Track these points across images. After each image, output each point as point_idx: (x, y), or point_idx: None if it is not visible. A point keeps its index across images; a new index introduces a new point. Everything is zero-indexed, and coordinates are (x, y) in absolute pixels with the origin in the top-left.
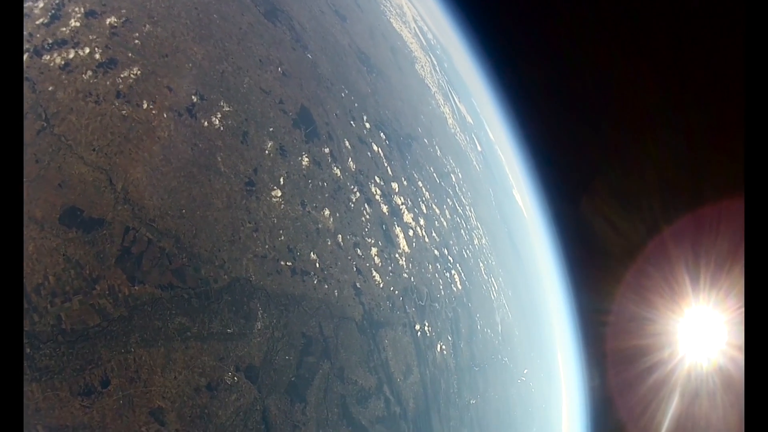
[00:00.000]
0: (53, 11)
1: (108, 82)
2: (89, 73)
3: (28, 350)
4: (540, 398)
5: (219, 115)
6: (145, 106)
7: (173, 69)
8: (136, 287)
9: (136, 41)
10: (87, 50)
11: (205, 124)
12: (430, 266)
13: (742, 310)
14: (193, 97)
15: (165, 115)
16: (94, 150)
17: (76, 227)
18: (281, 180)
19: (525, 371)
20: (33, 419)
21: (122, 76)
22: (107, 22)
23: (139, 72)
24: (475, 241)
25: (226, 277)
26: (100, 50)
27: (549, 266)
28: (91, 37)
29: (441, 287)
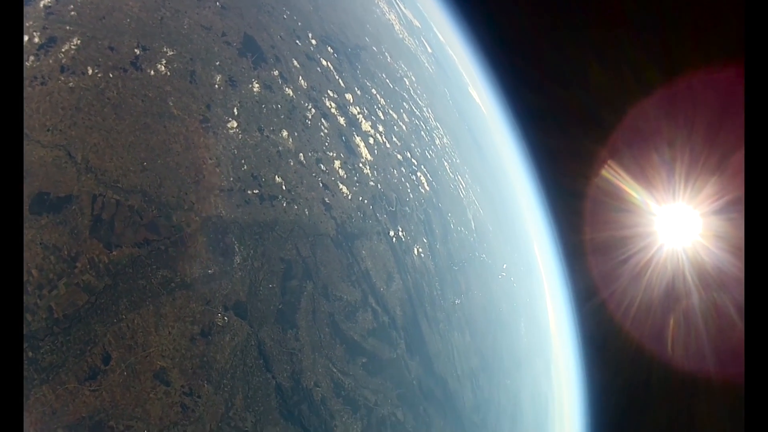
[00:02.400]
0: None
1: (51, 61)
2: (31, 58)
3: (30, 354)
4: (523, 291)
5: (164, 61)
6: (90, 72)
7: (112, 29)
8: (114, 252)
9: (72, 13)
10: (26, 38)
11: (152, 73)
12: (395, 171)
13: (715, 202)
14: (135, 50)
15: (111, 75)
16: (48, 131)
17: (46, 212)
18: (235, 110)
19: (504, 266)
20: (52, 424)
21: (63, 50)
22: (41, 5)
23: (79, 41)
24: (437, 141)
25: (197, 218)
26: (38, 33)
27: (514, 159)
28: (27, 24)
29: (409, 190)
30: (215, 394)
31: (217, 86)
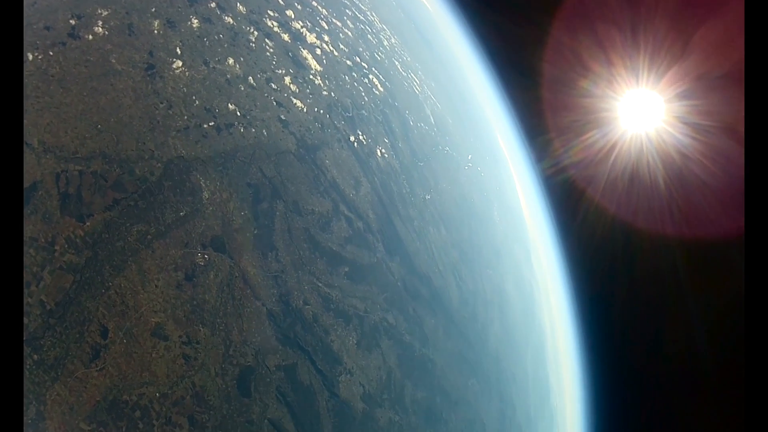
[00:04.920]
0: None
1: None
2: None
3: (35, 357)
4: (491, 180)
5: (100, 23)
6: (30, 57)
7: (44, 9)
8: (87, 223)
9: None
10: None
11: (90, 38)
12: (347, 77)
13: (679, 87)
14: (71, 21)
15: (51, 53)
16: None
17: None
18: (178, 50)
19: (469, 157)
20: (73, 421)
21: None
22: None
23: None
24: (385, 43)
25: (159, 165)
26: None
27: (466, 50)
28: None
29: (363, 94)
30: (212, 335)
31: (156, 32)
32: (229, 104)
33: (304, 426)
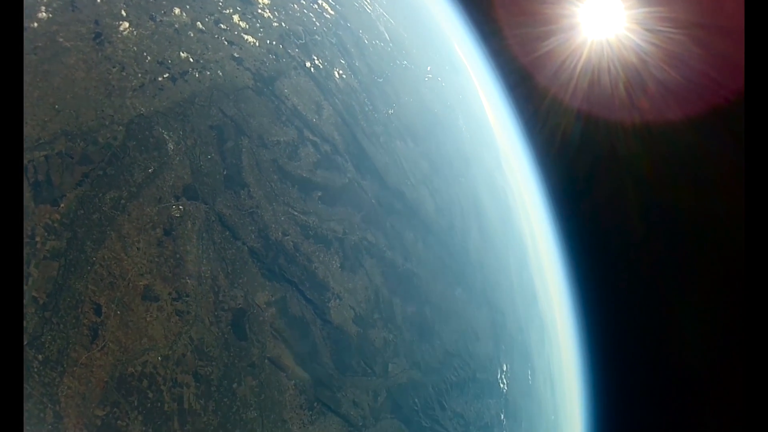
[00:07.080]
0: None
1: None
2: None
3: (40, 357)
4: (453, 89)
5: (43, 8)
6: None
7: None
8: (62, 205)
9: None
10: None
11: (35, 25)
12: (295, 5)
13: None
14: None
15: None
16: None
17: None
18: (123, 12)
19: (428, 68)
20: (88, 410)
21: None
22: None
23: None
24: None
25: (121, 128)
26: None
27: None
28: None
29: (314, 20)
30: (200, 285)
31: (98, 0)
32: (181, 53)
33: (303, 358)
